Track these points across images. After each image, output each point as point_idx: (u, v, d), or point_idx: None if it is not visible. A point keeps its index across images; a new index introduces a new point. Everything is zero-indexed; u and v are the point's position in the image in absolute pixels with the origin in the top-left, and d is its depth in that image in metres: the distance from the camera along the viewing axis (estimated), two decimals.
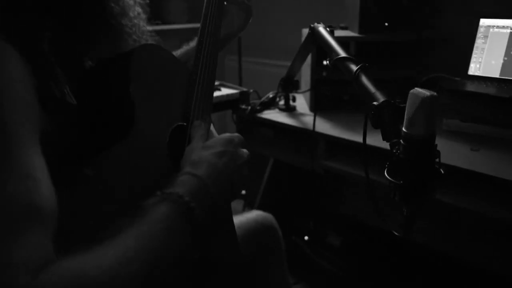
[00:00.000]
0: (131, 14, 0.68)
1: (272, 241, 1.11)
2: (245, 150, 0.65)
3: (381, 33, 1.46)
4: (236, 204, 2.22)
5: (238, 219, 1.08)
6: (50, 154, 0.52)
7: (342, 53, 0.92)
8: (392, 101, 0.73)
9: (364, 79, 0.82)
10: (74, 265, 0.40)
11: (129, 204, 0.53)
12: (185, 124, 0.68)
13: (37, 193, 0.43)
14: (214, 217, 0.58)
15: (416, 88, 0.62)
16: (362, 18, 1.44)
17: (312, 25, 1.13)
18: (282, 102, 1.57)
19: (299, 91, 1.55)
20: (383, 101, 0.74)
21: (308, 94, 1.56)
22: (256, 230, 1.09)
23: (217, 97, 1.53)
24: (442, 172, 0.64)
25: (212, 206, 0.57)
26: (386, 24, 1.45)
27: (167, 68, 0.66)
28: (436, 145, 0.63)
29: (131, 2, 0.69)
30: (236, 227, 1.04)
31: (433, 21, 1.54)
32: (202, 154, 0.61)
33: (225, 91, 1.60)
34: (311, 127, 1.33)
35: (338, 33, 1.54)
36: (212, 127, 0.74)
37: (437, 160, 0.63)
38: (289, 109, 1.53)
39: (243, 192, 2.29)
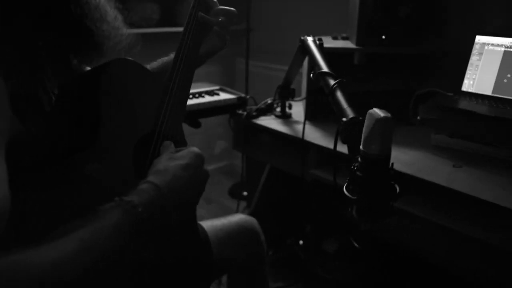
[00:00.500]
0: (109, 19, 0.70)
1: (253, 244, 1.12)
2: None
3: (378, 46, 1.48)
4: (231, 203, 2.26)
5: (221, 222, 1.10)
6: (29, 157, 0.57)
7: (324, 68, 0.96)
8: (361, 118, 0.76)
9: (339, 95, 0.85)
10: (10, 259, 0.45)
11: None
12: (152, 133, 0.71)
13: None
14: (170, 226, 0.60)
15: (374, 109, 0.65)
16: (359, 30, 1.46)
17: (302, 38, 1.16)
18: (279, 109, 1.60)
19: (295, 99, 1.58)
20: (351, 118, 0.77)
21: (305, 102, 1.58)
22: (240, 233, 1.10)
23: (215, 101, 1.58)
24: (398, 189, 0.66)
25: (168, 217, 0.59)
26: (383, 37, 1.46)
27: (139, 80, 0.71)
28: (393, 163, 0.66)
29: (108, 8, 0.71)
30: (217, 229, 1.08)
31: (432, 35, 1.55)
32: (167, 165, 0.63)
33: (223, 95, 1.64)
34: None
35: (338, 43, 1.57)
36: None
37: (392, 177, 0.66)
38: (285, 116, 1.57)
39: (245, 193, 2.33)
